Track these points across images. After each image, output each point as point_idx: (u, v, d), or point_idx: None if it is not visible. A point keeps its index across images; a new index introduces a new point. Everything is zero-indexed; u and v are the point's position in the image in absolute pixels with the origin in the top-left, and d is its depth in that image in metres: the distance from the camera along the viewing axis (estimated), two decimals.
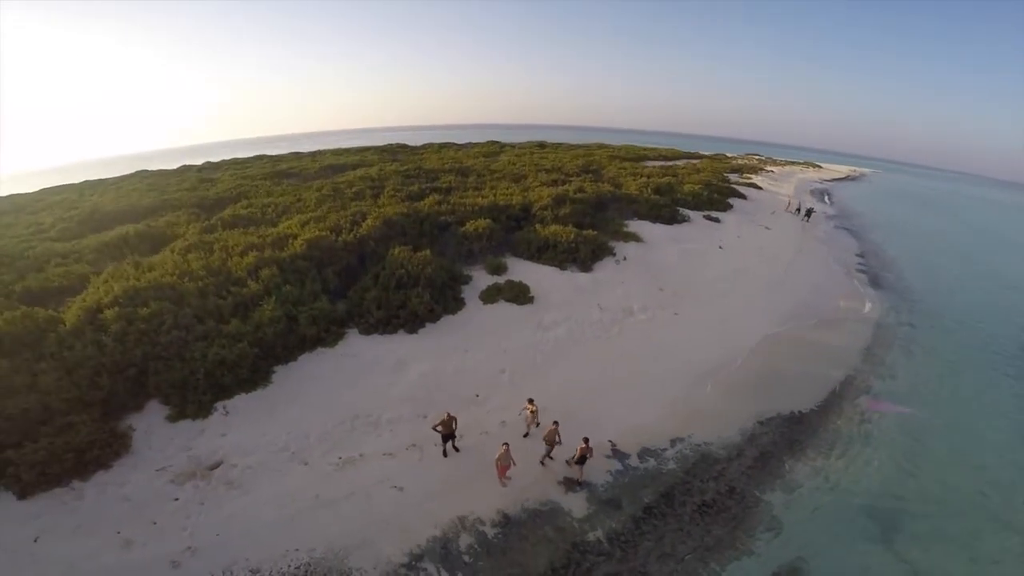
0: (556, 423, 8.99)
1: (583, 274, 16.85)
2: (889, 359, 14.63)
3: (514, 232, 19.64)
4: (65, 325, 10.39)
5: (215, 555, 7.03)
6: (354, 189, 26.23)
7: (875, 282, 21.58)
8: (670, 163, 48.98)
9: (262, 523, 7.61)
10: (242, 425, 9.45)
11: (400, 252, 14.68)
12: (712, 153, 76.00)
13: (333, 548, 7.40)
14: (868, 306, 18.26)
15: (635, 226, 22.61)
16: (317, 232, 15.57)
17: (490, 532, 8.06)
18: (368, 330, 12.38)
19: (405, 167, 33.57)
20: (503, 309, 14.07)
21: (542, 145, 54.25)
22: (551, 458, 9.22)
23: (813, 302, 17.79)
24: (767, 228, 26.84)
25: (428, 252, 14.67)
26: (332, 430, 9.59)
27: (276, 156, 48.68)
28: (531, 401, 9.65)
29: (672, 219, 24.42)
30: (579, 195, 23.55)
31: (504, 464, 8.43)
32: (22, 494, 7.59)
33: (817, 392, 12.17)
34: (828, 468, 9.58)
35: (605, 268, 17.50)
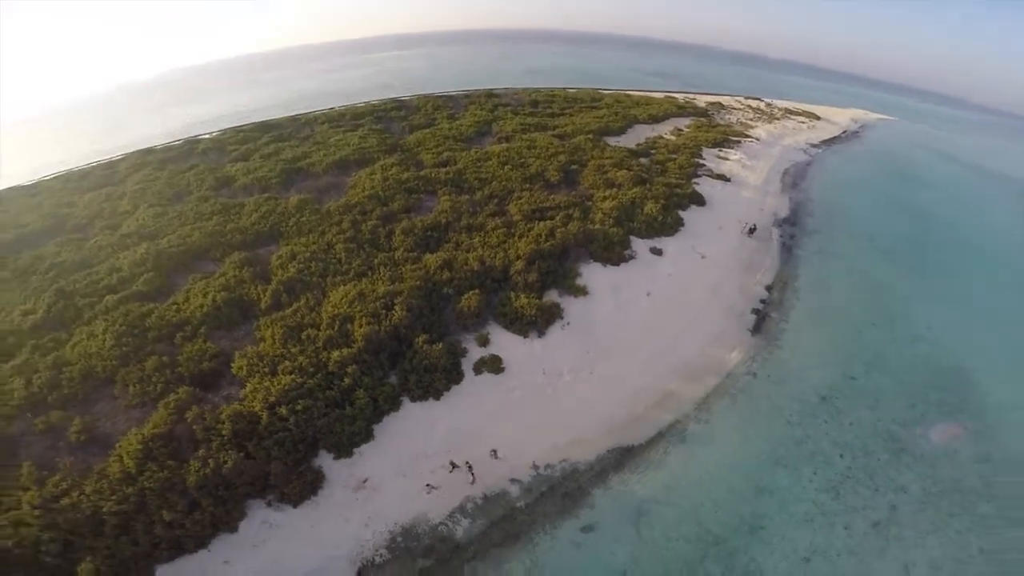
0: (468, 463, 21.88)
1: (539, 339, 27.75)
2: (716, 407, 26.56)
3: (496, 294, 29.45)
4: (262, 419, 22.11)
5: (381, 520, 20.79)
6: (370, 224, 34.14)
7: (758, 326, 31.90)
8: (658, 126, 51.21)
9: (394, 506, 21.22)
10: (369, 460, 22.41)
11: (423, 344, 25.37)
12: (710, 102, 72.11)
13: (422, 515, 21.16)
14: (733, 357, 29.18)
15: (587, 273, 31.97)
16: (366, 324, 25.80)
17: (479, 502, 21.80)
18: (415, 399, 24.46)
19: (406, 175, 39.50)
20: (486, 379, 25.74)
21: (535, 105, 54.79)
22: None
23: (696, 355, 28.93)
24: (703, 257, 35.54)
25: (441, 346, 25.39)
26: (412, 460, 22.62)
27: (274, 125, 51.04)
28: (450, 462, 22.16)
29: (620, 259, 33.23)
30: (548, 244, 31.92)
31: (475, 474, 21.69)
32: (295, 505, 20.83)
33: (649, 432, 24.81)
34: (629, 479, 22.95)
35: (554, 333, 28.23)
